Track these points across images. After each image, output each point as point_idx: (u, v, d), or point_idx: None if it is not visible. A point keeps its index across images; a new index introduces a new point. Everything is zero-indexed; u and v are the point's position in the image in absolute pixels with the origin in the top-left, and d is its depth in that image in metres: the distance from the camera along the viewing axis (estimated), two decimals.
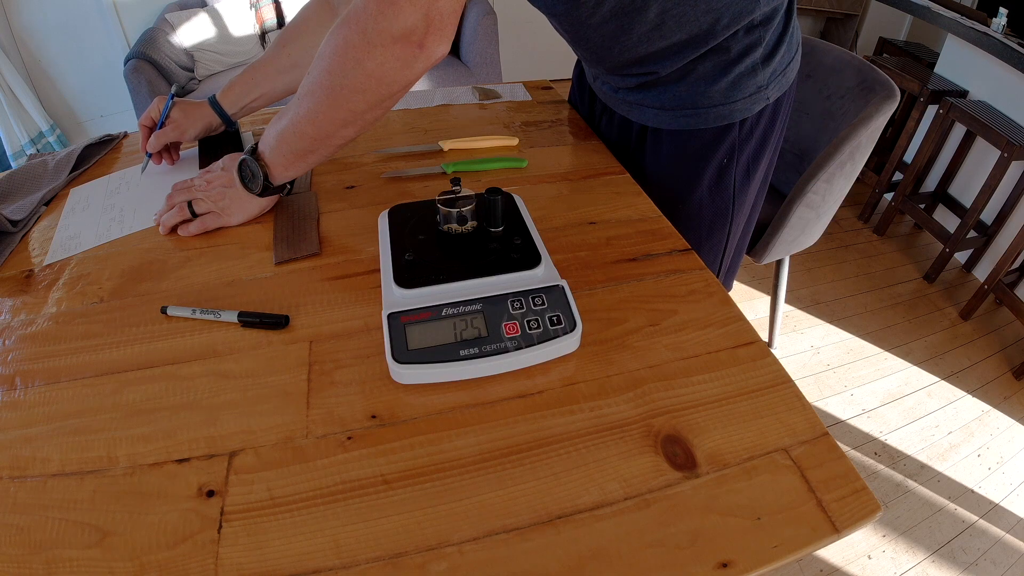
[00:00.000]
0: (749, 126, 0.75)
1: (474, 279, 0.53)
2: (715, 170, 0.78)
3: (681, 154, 0.78)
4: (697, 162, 0.78)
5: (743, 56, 0.69)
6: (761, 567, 0.36)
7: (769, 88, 0.73)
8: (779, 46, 0.71)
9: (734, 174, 0.80)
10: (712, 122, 0.74)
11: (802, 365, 1.65)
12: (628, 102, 0.80)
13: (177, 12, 2.45)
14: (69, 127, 2.78)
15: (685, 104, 0.74)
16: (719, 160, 0.77)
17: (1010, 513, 1.30)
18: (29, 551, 0.37)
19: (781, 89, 0.75)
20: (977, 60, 1.90)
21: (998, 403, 1.55)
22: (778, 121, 0.79)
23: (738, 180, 0.80)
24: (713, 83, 0.71)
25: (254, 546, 0.37)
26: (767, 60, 0.71)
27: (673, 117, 0.76)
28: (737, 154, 0.78)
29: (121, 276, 0.61)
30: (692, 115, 0.74)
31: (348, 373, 0.49)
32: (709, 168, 0.78)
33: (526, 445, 0.43)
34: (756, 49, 0.69)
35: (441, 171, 0.77)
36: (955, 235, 1.86)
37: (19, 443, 0.44)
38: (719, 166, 0.78)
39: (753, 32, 0.68)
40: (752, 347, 0.51)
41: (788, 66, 0.75)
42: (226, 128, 0.82)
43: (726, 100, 0.72)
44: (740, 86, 0.71)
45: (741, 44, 0.68)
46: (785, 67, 0.74)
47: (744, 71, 0.70)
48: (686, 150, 0.77)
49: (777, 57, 0.72)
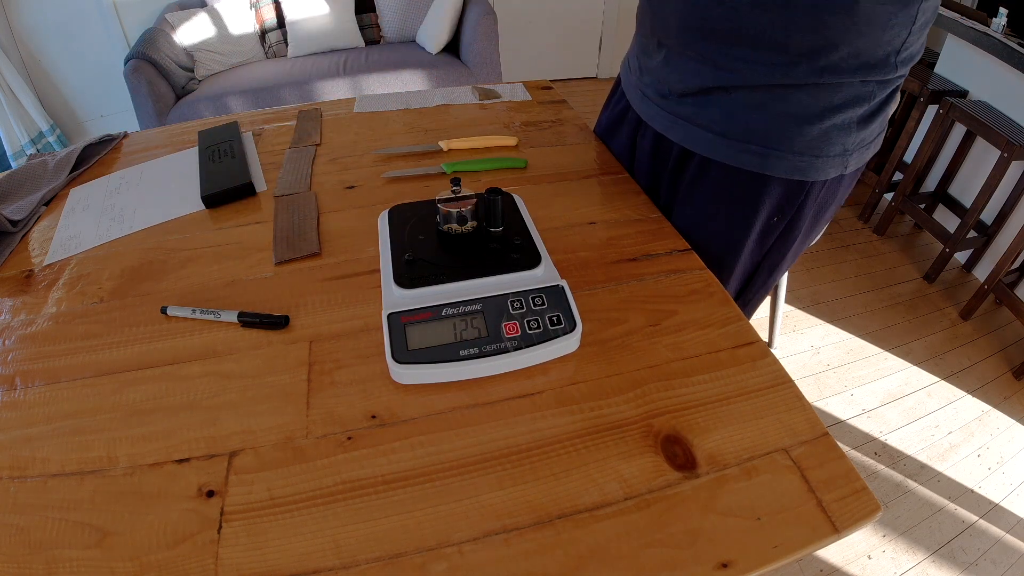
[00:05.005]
0: (816, 193, 0.64)
1: (474, 279, 0.53)
2: (760, 227, 0.66)
3: (727, 196, 0.65)
4: (745, 212, 0.65)
5: (846, 106, 0.58)
6: (761, 567, 0.36)
7: (851, 156, 0.61)
8: (879, 113, 0.61)
9: (774, 237, 0.68)
10: (781, 171, 0.61)
11: (802, 365, 1.65)
12: (675, 115, 0.66)
13: (177, 12, 2.45)
14: (69, 127, 2.78)
15: (755, 138, 0.60)
16: (768, 217, 0.65)
17: (1010, 513, 1.30)
18: (29, 551, 0.37)
19: (858, 164, 0.63)
20: (977, 60, 1.90)
21: (998, 403, 1.55)
22: (837, 197, 0.67)
23: (775, 244, 0.70)
24: (802, 124, 0.58)
25: (254, 546, 0.37)
26: (864, 122, 0.60)
27: (734, 150, 0.62)
28: (790, 217, 0.66)
29: (121, 276, 0.61)
30: (761, 155, 0.61)
31: (348, 373, 0.49)
32: (755, 223, 0.66)
33: (526, 445, 0.43)
34: (862, 104, 0.58)
35: (441, 171, 0.77)
36: (955, 235, 1.86)
37: (19, 443, 0.44)
38: (766, 224, 0.66)
39: (868, 84, 0.57)
40: (752, 347, 0.51)
41: (873, 142, 0.64)
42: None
43: (806, 151, 0.60)
44: (828, 140, 0.59)
45: (852, 91, 0.57)
46: (871, 141, 0.63)
47: (840, 124, 0.59)
48: (733, 193, 0.65)
49: (873, 124, 0.61)
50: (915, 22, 0.54)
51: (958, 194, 2.06)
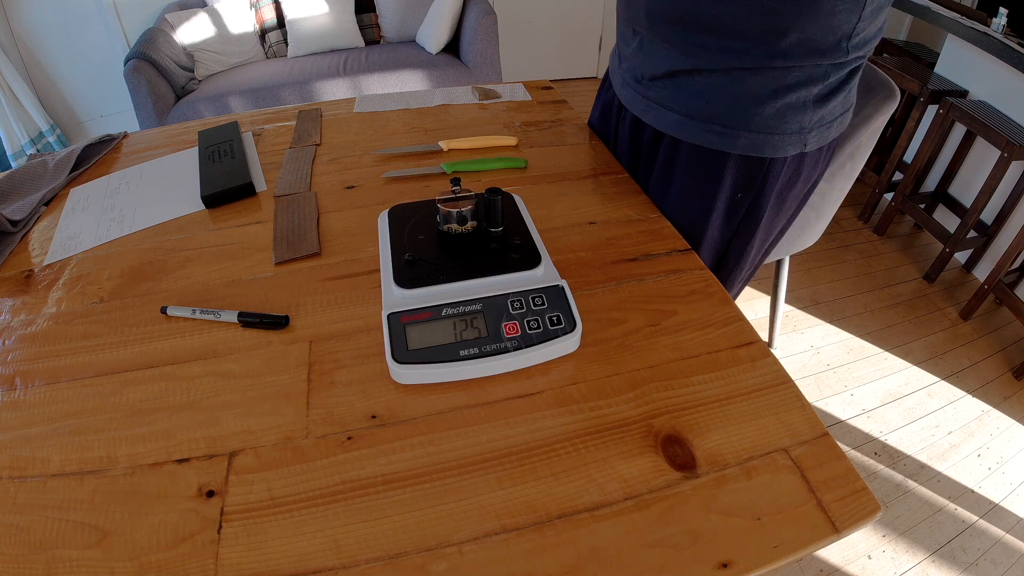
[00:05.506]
0: (777, 170, 0.68)
1: (474, 279, 0.53)
2: (725, 202, 0.71)
3: (696, 175, 0.70)
4: (711, 188, 0.70)
5: (799, 86, 0.61)
6: (761, 567, 0.36)
7: (809, 134, 0.65)
8: (836, 93, 0.64)
9: (741, 213, 0.73)
10: (740, 148, 0.65)
11: (802, 365, 1.65)
12: (648, 99, 0.71)
13: (177, 12, 2.45)
14: (69, 127, 2.78)
15: (716, 118, 0.65)
16: (732, 193, 0.70)
17: (1010, 513, 1.30)
18: (29, 551, 0.37)
19: (819, 143, 0.67)
20: (977, 60, 1.90)
21: (998, 403, 1.55)
22: (802, 178, 0.71)
23: (743, 221, 0.74)
24: (757, 104, 0.62)
25: (254, 546, 0.37)
26: (821, 101, 0.64)
27: (699, 130, 0.66)
28: (753, 194, 0.70)
29: (121, 276, 0.61)
30: (721, 134, 0.65)
31: (348, 373, 0.49)
32: (720, 198, 0.70)
33: (526, 445, 0.43)
34: (816, 84, 0.62)
35: (441, 171, 0.77)
36: (955, 235, 1.86)
37: (19, 443, 0.44)
38: (730, 200, 0.71)
39: (821, 67, 0.60)
40: (752, 347, 0.51)
41: (835, 121, 0.67)
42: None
43: (762, 129, 0.64)
44: (784, 118, 0.63)
45: (804, 73, 0.61)
46: (832, 120, 0.67)
47: (794, 103, 0.62)
48: (699, 170, 0.69)
49: (830, 105, 0.65)
50: (864, 7, 0.56)
51: (958, 194, 2.06)
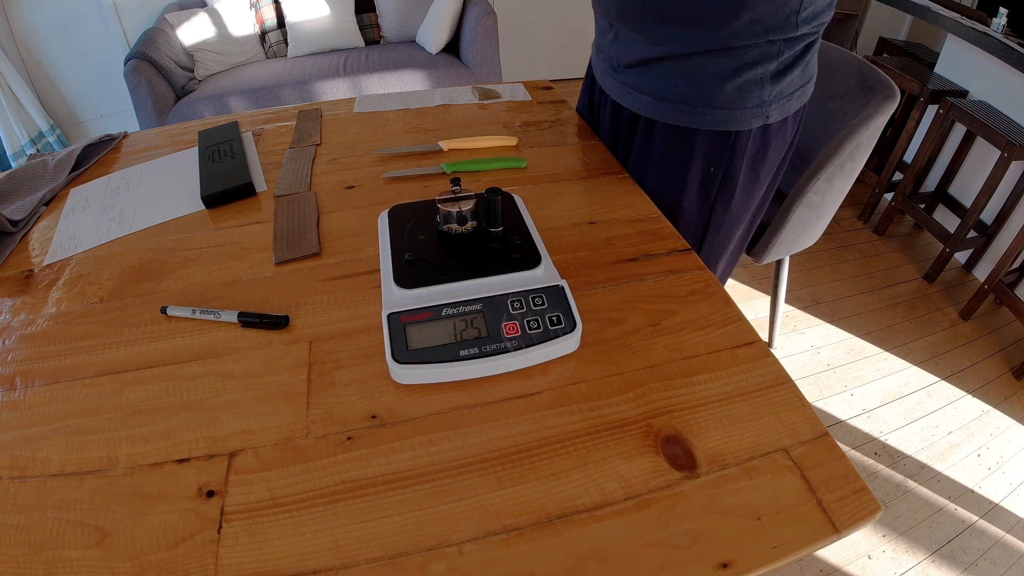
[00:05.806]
0: (743, 143, 0.73)
1: (474, 279, 0.53)
2: (699, 176, 0.76)
3: (670, 152, 0.76)
4: (684, 163, 0.76)
5: (756, 63, 0.67)
6: (761, 567, 0.36)
7: (771, 107, 0.71)
8: (793, 68, 0.70)
9: (716, 186, 0.77)
10: (707, 124, 0.72)
11: (802, 365, 1.65)
12: (625, 85, 0.77)
13: (177, 12, 2.45)
14: (69, 127, 2.78)
15: (683, 99, 0.71)
16: (704, 167, 0.76)
17: (1010, 513, 1.30)
18: (29, 551, 0.37)
19: (782, 114, 0.73)
20: (977, 60, 1.90)
21: (998, 403, 1.55)
22: (771, 149, 0.76)
23: (719, 194, 0.78)
24: (720, 83, 0.69)
25: (254, 546, 0.37)
26: (778, 77, 0.69)
27: (668, 110, 0.73)
28: (724, 167, 0.75)
29: (121, 276, 0.61)
30: (689, 112, 0.72)
31: (348, 373, 0.49)
32: (693, 173, 0.76)
33: (526, 445, 0.43)
34: (772, 61, 0.67)
35: (441, 171, 0.77)
36: (955, 235, 1.86)
37: (19, 443, 0.44)
38: (704, 173, 0.76)
39: (775, 44, 0.66)
40: (752, 347, 0.51)
41: (795, 93, 0.72)
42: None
43: (726, 105, 0.70)
44: (745, 94, 0.69)
45: (759, 51, 0.66)
46: (792, 92, 0.72)
47: (753, 80, 0.68)
48: (674, 149, 0.75)
49: (788, 78, 0.70)
50: None
51: (958, 194, 2.06)
